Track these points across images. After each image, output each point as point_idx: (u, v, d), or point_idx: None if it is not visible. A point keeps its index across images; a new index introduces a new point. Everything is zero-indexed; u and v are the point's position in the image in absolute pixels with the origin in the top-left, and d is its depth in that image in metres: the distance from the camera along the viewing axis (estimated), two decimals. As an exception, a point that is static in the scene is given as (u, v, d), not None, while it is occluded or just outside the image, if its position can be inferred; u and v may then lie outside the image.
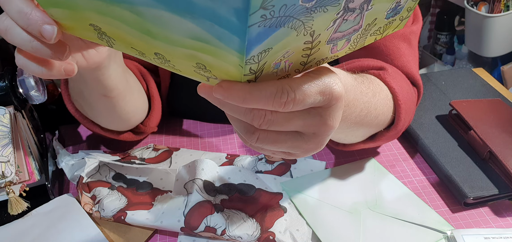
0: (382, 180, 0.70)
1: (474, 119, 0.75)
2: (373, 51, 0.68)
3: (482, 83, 0.91)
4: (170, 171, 0.70)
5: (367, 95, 0.56)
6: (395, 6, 0.38)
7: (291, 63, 0.38)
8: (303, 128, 0.40)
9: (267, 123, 0.38)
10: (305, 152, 0.43)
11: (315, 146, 0.42)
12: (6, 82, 0.62)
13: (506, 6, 1.32)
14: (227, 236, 0.60)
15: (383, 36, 0.41)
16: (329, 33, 0.36)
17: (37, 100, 0.65)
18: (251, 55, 0.33)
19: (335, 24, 0.35)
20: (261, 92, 0.36)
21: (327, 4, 0.32)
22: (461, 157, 0.71)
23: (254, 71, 0.36)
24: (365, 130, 0.62)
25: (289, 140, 0.41)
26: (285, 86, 0.36)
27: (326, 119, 0.40)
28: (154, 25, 0.33)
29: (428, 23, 1.80)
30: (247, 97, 0.35)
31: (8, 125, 0.62)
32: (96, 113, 0.69)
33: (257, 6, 0.28)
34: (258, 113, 0.37)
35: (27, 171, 0.65)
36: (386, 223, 0.62)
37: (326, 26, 0.35)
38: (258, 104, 0.36)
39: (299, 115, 0.39)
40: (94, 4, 0.35)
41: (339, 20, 0.35)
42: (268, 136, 0.40)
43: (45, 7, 0.38)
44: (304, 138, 0.41)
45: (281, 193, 0.66)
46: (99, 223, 0.63)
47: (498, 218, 0.64)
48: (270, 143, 0.40)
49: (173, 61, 0.37)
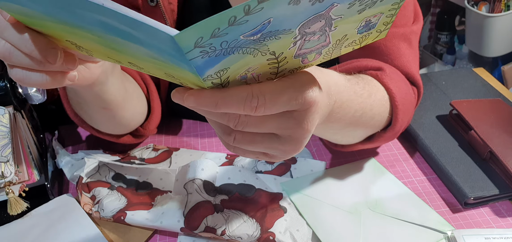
0: (382, 180, 0.70)
1: (475, 119, 0.75)
2: (373, 51, 0.68)
3: (482, 83, 0.91)
4: (170, 171, 0.70)
5: (362, 96, 0.56)
6: (365, 24, 0.37)
7: (260, 74, 0.39)
8: (278, 130, 0.41)
9: (241, 125, 0.39)
10: (283, 153, 0.44)
11: (292, 147, 0.43)
12: (6, 82, 0.62)
13: (507, 6, 1.32)
14: (227, 236, 0.60)
15: (362, 46, 0.42)
16: (293, 51, 0.36)
17: (36, 100, 0.64)
18: (207, 75, 0.34)
19: (296, 45, 0.35)
20: (232, 98, 0.37)
21: (277, 34, 0.32)
22: (461, 157, 0.71)
23: (218, 84, 0.37)
24: (362, 131, 0.62)
25: (265, 141, 0.42)
26: (256, 91, 0.37)
27: (300, 123, 0.41)
28: (116, 45, 0.34)
29: (429, 23, 1.80)
30: (219, 103, 0.37)
31: (7, 125, 0.62)
32: (95, 122, 0.70)
33: (190, 47, 0.29)
34: (233, 116, 0.39)
35: (27, 171, 0.65)
36: (386, 223, 0.62)
37: (287, 47, 0.35)
38: (230, 109, 0.37)
39: (273, 118, 0.40)
40: (60, 27, 0.36)
41: (300, 41, 0.35)
42: (244, 137, 0.41)
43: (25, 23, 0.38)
44: (280, 140, 0.42)
45: (281, 193, 0.66)
46: (98, 223, 0.63)
47: (499, 218, 0.64)
48: (246, 143, 0.42)
49: (146, 69, 0.38)
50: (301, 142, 0.43)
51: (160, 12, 0.68)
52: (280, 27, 0.31)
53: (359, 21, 0.36)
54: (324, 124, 0.52)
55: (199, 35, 0.28)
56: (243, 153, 0.44)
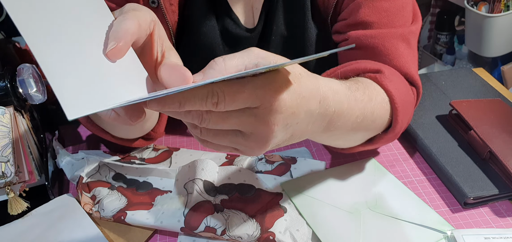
0: (382, 180, 0.70)
1: (474, 119, 0.75)
2: (372, 51, 0.68)
3: (482, 83, 0.91)
4: (170, 171, 0.70)
5: (362, 102, 0.57)
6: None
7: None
8: (241, 127, 0.44)
9: (204, 122, 0.42)
10: (248, 149, 0.46)
11: (257, 144, 0.45)
12: (6, 82, 0.62)
13: (506, 6, 1.32)
14: (227, 236, 0.60)
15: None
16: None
17: (37, 100, 0.65)
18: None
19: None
20: (194, 96, 0.40)
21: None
22: (461, 157, 0.71)
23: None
24: (363, 134, 0.62)
25: (229, 136, 0.45)
26: (216, 89, 0.40)
27: (261, 120, 0.43)
28: None
29: (428, 23, 1.80)
30: (182, 102, 0.40)
31: (8, 125, 0.62)
32: (113, 128, 0.69)
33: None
34: (196, 114, 0.42)
35: (27, 171, 0.65)
36: (386, 223, 0.62)
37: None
38: (193, 106, 0.41)
39: (234, 115, 0.43)
40: None
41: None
42: (208, 132, 0.45)
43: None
44: (244, 136, 0.45)
45: (281, 193, 0.66)
46: (99, 223, 0.63)
47: (498, 218, 0.64)
48: (211, 136, 0.45)
49: None
50: (264, 139, 0.45)
51: (161, 13, 0.69)
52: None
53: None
54: (326, 132, 0.53)
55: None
56: (215, 148, 0.47)
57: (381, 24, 0.68)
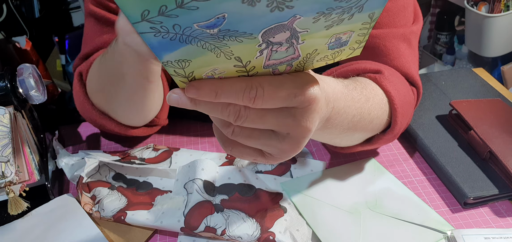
0: (382, 180, 0.70)
1: (474, 119, 0.75)
2: (373, 51, 0.68)
3: (482, 83, 0.91)
4: (170, 171, 0.70)
5: (359, 102, 0.56)
6: (336, 40, 0.37)
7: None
8: (277, 127, 0.42)
9: (241, 119, 0.40)
10: (280, 152, 0.44)
11: (290, 147, 0.43)
12: (6, 82, 0.62)
13: (506, 6, 1.32)
14: (227, 236, 0.60)
15: (335, 61, 0.42)
16: (261, 61, 0.37)
17: (37, 100, 0.65)
18: (166, 60, 0.34)
19: (263, 54, 0.36)
20: (231, 87, 0.38)
21: (238, 35, 0.32)
22: (461, 157, 0.71)
23: (183, 76, 0.38)
24: (361, 134, 0.62)
25: (263, 137, 0.42)
26: (255, 83, 0.38)
27: (299, 121, 0.41)
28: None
29: (428, 23, 1.80)
30: (219, 92, 0.38)
31: (8, 125, 0.62)
32: (116, 109, 0.68)
33: (137, 18, 0.29)
34: (233, 109, 0.39)
35: (27, 171, 0.65)
36: (386, 223, 0.62)
37: (253, 55, 0.35)
38: (229, 99, 0.38)
39: (272, 114, 0.40)
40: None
41: (266, 51, 0.35)
42: (242, 131, 0.42)
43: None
44: (278, 137, 0.42)
45: (281, 193, 0.66)
46: (99, 223, 0.63)
47: (498, 218, 0.64)
48: (244, 137, 0.42)
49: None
50: (299, 142, 0.43)
51: None
52: (238, 28, 0.31)
53: (328, 37, 0.36)
54: (322, 129, 0.52)
55: (145, 8, 0.28)
56: (241, 154, 0.45)
57: (382, 24, 0.68)
